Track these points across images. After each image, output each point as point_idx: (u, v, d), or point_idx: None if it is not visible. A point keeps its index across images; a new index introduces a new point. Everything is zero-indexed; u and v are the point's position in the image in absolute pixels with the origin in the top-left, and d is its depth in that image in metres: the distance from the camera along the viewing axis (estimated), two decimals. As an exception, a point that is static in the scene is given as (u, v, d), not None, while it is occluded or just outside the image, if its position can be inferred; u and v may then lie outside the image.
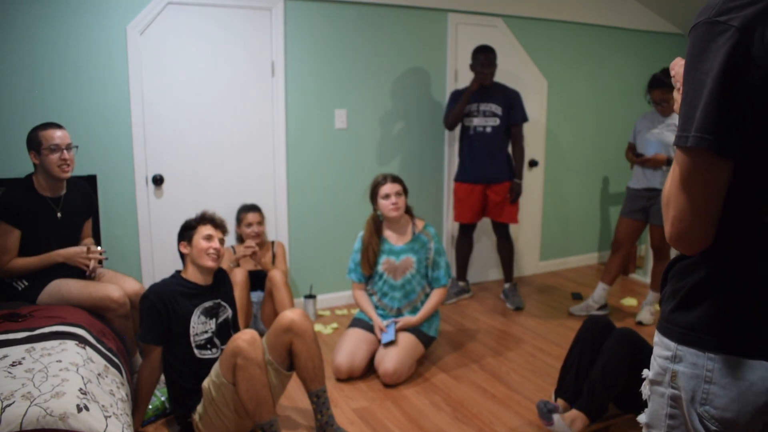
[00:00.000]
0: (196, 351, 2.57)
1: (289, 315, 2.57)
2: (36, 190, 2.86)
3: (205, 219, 2.70)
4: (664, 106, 3.87)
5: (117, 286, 2.89)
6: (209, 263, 2.64)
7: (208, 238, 2.65)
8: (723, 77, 0.96)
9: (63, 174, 2.84)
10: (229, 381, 2.40)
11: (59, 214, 2.92)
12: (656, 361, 1.18)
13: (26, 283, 2.83)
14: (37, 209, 2.84)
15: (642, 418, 1.27)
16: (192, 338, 2.55)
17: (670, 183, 1.07)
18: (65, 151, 2.81)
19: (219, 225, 2.74)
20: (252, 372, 2.36)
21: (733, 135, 0.98)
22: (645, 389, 1.24)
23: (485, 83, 4.19)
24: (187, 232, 2.69)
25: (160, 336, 2.53)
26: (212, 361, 2.58)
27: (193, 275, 2.66)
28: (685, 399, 1.11)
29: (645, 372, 1.24)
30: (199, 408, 2.50)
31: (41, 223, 2.85)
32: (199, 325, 2.57)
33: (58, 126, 2.87)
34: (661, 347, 1.16)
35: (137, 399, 2.58)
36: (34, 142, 2.80)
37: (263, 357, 2.46)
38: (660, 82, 3.82)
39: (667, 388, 1.15)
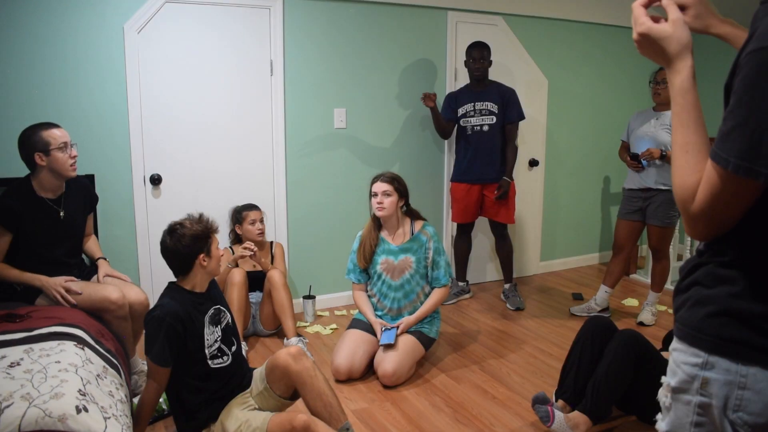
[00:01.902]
0: (210, 362, 2.43)
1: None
2: (35, 192, 2.82)
3: (214, 227, 2.52)
4: (662, 87, 3.87)
5: (115, 288, 2.86)
6: (221, 271, 2.54)
7: (218, 246, 2.53)
8: None
9: (73, 172, 2.84)
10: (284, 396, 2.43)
11: (62, 213, 2.89)
12: (681, 368, 1.13)
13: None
14: (37, 212, 2.81)
15: (662, 426, 1.21)
16: (207, 351, 2.42)
17: (706, 194, 1.03)
18: (72, 148, 2.82)
19: (215, 227, 2.56)
20: (317, 386, 2.39)
21: None
22: (665, 397, 1.19)
23: (478, 77, 4.25)
24: (204, 242, 2.44)
25: (177, 356, 2.37)
26: (223, 370, 2.46)
27: (197, 285, 2.48)
28: (716, 406, 1.07)
29: (664, 379, 1.20)
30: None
31: (43, 225, 2.82)
32: (211, 336, 2.44)
33: (57, 125, 2.85)
34: (688, 354, 1.11)
35: (140, 415, 2.44)
36: (40, 143, 2.75)
37: (311, 364, 2.44)
38: None
39: (694, 396, 1.11)
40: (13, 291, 2.80)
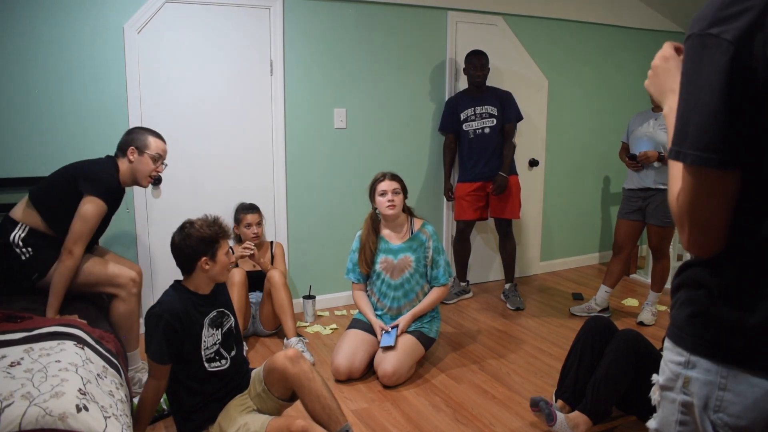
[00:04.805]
0: (206, 365, 2.42)
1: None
2: (120, 181, 2.91)
3: (226, 232, 2.47)
4: None
5: (124, 267, 2.99)
6: (227, 277, 2.52)
7: (228, 252, 2.48)
8: (722, 93, 0.94)
9: (146, 184, 2.95)
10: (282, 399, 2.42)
11: (127, 210, 3.09)
12: (668, 366, 1.15)
13: (31, 252, 2.74)
14: (119, 199, 2.93)
15: (651, 424, 1.23)
16: (203, 352, 2.41)
17: (679, 193, 1.04)
18: (161, 165, 2.94)
19: (229, 234, 2.54)
20: (316, 389, 2.37)
21: (736, 149, 0.96)
22: (655, 395, 1.21)
23: (478, 84, 4.35)
24: (210, 246, 2.39)
25: (174, 355, 2.36)
26: (221, 373, 2.45)
27: (200, 287, 2.46)
28: (697, 406, 1.08)
29: (654, 377, 1.21)
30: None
31: (113, 214, 2.93)
32: (209, 338, 2.43)
33: (164, 139, 2.98)
34: (674, 353, 1.13)
35: (140, 414, 2.43)
36: (141, 142, 2.86)
37: (309, 367, 2.42)
38: None
39: (678, 394, 1.12)
40: (17, 259, 2.75)
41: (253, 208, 3.91)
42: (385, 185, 3.37)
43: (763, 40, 0.92)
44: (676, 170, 1.07)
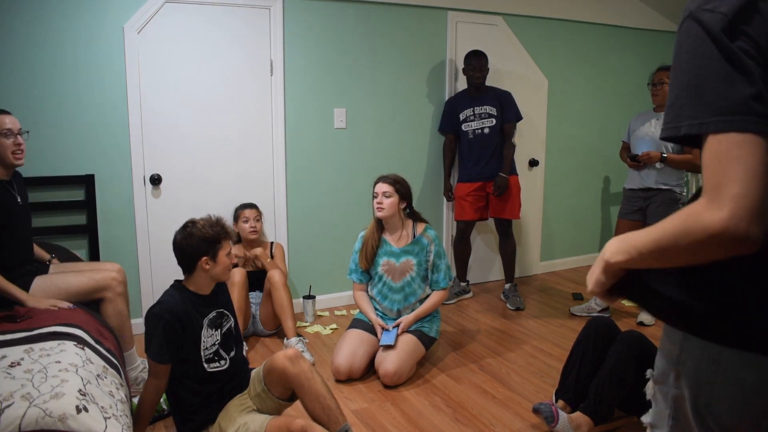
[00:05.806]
0: (205, 365, 2.42)
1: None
2: None
3: (228, 233, 2.46)
4: (659, 88, 3.87)
5: (105, 269, 2.92)
6: (228, 277, 2.52)
7: (229, 253, 2.47)
8: (730, 53, 0.91)
9: (18, 161, 2.70)
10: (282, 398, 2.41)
11: (19, 199, 2.79)
12: (660, 361, 1.16)
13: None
14: (2, 193, 2.70)
15: (646, 418, 1.25)
16: (202, 353, 2.41)
17: (727, 179, 0.89)
18: (18, 136, 2.70)
19: (232, 235, 2.54)
20: (314, 387, 2.36)
21: (759, 110, 0.89)
22: (649, 389, 1.22)
23: (477, 84, 4.35)
24: (211, 246, 2.40)
25: (174, 354, 2.37)
26: (220, 374, 2.46)
27: (200, 287, 2.46)
28: (688, 399, 1.09)
29: (649, 372, 1.22)
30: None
31: (6, 209, 2.69)
32: (209, 339, 2.44)
33: (7, 112, 2.74)
34: (666, 347, 1.14)
35: (140, 413, 2.43)
36: None
37: (309, 367, 2.41)
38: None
39: (670, 388, 1.13)
40: None
41: (251, 206, 3.92)
42: (377, 188, 3.39)
43: (761, 20, 0.91)
44: (676, 234, 0.94)
